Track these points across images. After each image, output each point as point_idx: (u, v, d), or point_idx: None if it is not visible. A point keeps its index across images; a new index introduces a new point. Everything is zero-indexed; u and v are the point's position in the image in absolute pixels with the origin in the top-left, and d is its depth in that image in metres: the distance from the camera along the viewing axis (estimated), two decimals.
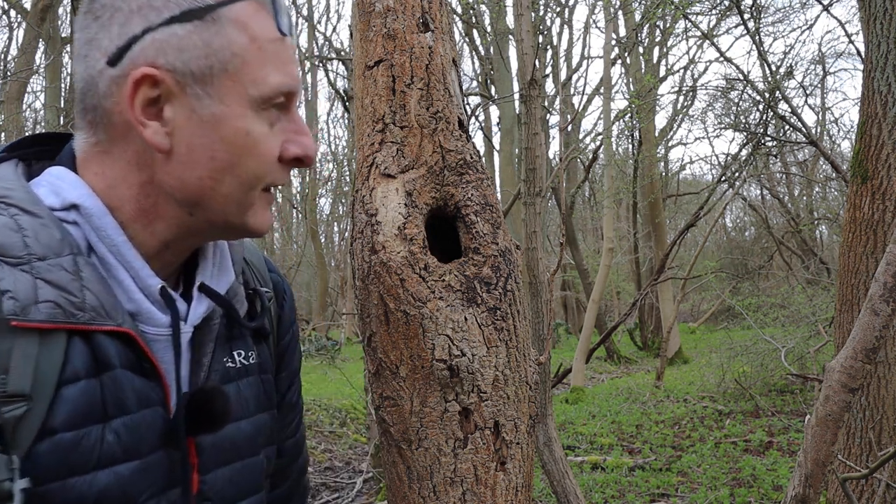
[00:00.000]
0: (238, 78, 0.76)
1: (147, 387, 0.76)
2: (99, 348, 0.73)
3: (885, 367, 3.50)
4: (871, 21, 3.59)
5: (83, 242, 0.76)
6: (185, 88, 0.75)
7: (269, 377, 0.96)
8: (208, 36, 0.75)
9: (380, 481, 5.56)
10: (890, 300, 1.53)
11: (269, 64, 0.78)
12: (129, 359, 0.75)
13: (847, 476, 1.84)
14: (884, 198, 3.55)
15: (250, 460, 0.89)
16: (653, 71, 14.22)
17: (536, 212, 3.40)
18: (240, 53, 0.76)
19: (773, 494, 4.97)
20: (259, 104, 0.77)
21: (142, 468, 0.75)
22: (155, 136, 0.75)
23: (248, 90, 0.76)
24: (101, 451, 0.71)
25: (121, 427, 0.73)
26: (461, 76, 1.21)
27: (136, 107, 0.74)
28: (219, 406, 0.80)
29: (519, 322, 1.08)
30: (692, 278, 12.50)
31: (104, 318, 0.73)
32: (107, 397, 0.72)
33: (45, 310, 0.69)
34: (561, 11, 16.25)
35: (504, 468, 1.04)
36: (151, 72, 0.73)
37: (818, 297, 9.30)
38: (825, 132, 18.90)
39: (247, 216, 0.81)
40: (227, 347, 0.89)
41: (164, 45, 0.74)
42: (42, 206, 0.75)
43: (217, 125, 0.76)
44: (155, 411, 0.77)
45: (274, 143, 0.80)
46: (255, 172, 0.78)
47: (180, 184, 0.77)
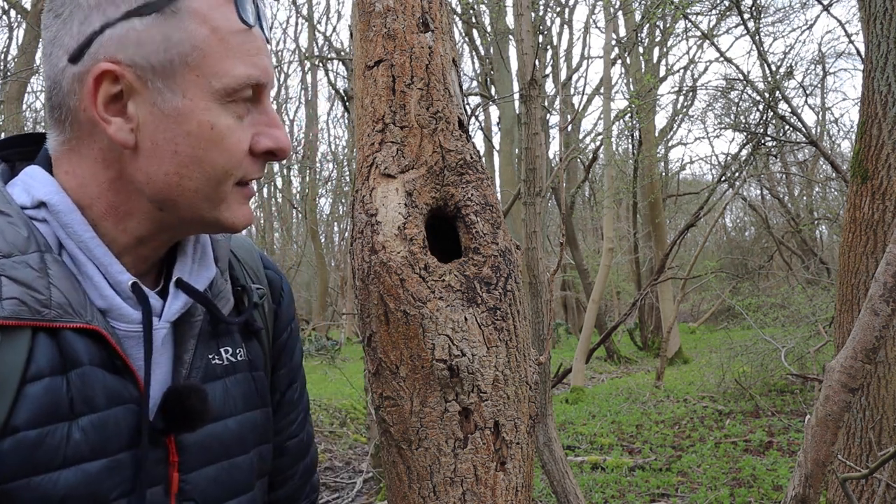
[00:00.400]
0: (200, 71, 0.75)
1: (119, 384, 0.75)
2: (66, 345, 0.72)
3: (885, 367, 3.50)
4: (871, 21, 3.59)
5: (53, 240, 0.76)
6: (146, 83, 0.74)
7: (261, 374, 0.95)
8: (167, 29, 0.74)
9: (380, 481, 5.56)
10: (890, 300, 1.53)
11: (232, 56, 0.76)
12: (101, 356, 0.74)
13: (847, 476, 1.84)
14: (884, 198, 3.55)
15: (239, 459, 0.88)
16: (653, 71, 14.22)
17: (536, 212, 3.40)
18: (200, 46, 0.75)
19: (773, 494, 4.97)
20: (223, 97, 0.76)
21: (110, 466, 0.74)
22: (119, 132, 0.74)
23: (211, 83, 0.75)
24: (66, 449, 0.70)
25: (88, 425, 0.72)
26: (461, 76, 1.21)
27: (99, 103, 0.74)
28: (195, 403, 0.79)
29: (519, 322, 1.08)
30: (692, 278, 12.50)
31: (71, 316, 0.72)
32: (74, 395, 0.71)
33: (9, 307, 0.68)
34: (561, 11, 16.25)
35: (504, 468, 1.04)
36: (111, 67, 0.72)
37: (818, 297, 9.30)
38: (825, 132, 18.90)
39: (219, 211, 0.80)
40: (214, 344, 0.87)
41: (124, 39, 0.73)
42: (12, 205, 0.74)
43: (180, 119, 0.75)
44: (127, 409, 0.76)
45: (242, 136, 0.78)
46: (222, 166, 0.77)
47: (147, 179, 0.76)
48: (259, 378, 0.94)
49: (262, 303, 0.98)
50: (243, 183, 0.81)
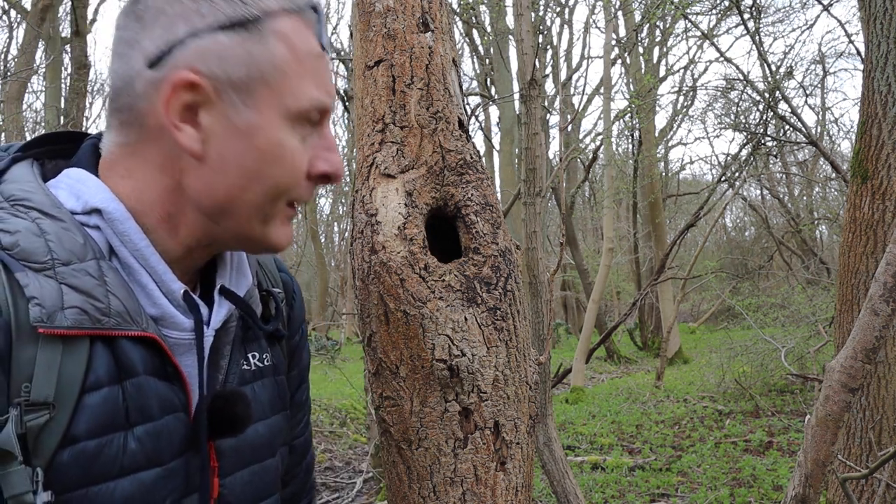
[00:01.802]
0: (276, 89, 0.76)
1: (170, 391, 0.76)
2: (122, 354, 0.72)
3: (885, 367, 3.50)
4: (871, 21, 3.59)
5: (105, 246, 0.76)
6: (222, 96, 0.75)
7: (282, 378, 0.96)
8: (251, 46, 0.75)
9: (380, 481, 5.56)
10: (890, 300, 1.53)
11: (307, 78, 0.78)
12: (154, 364, 0.75)
13: (847, 476, 1.84)
14: (884, 198, 3.55)
15: (267, 462, 0.89)
16: (653, 71, 14.22)
17: (536, 212, 3.40)
18: (280, 66, 0.76)
19: (773, 494, 4.97)
20: (294, 117, 0.78)
21: (164, 475, 0.74)
22: (189, 140, 0.75)
23: (285, 102, 0.77)
24: (123, 458, 0.71)
25: (143, 434, 0.73)
26: (461, 76, 1.21)
27: (172, 110, 0.74)
28: (240, 409, 0.80)
29: (519, 322, 1.08)
30: (692, 278, 12.49)
31: (129, 324, 0.72)
32: (129, 404, 0.72)
33: (72, 316, 0.68)
34: (561, 11, 16.26)
35: (504, 468, 1.04)
36: (191, 77, 0.73)
37: (818, 297, 9.30)
38: (825, 132, 18.90)
39: (268, 228, 0.81)
40: (242, 350, 0.88)
41: (207, 51, 0.74)
42: (63, 210, 0.74)
43: (251, 134, 0.76)
44: (177, 417, 0.76)
45: (303, 157, 0.80)
46: (282, 183, 0.78)
47: (208, 189, 0.77)
48: (281, 382, 0.96)
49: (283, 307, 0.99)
50: (292, 203, 0.82)
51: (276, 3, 0.76)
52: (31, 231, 0.70)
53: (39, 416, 0.66)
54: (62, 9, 11.58)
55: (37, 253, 0.69)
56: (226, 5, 0.74)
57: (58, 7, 10.88)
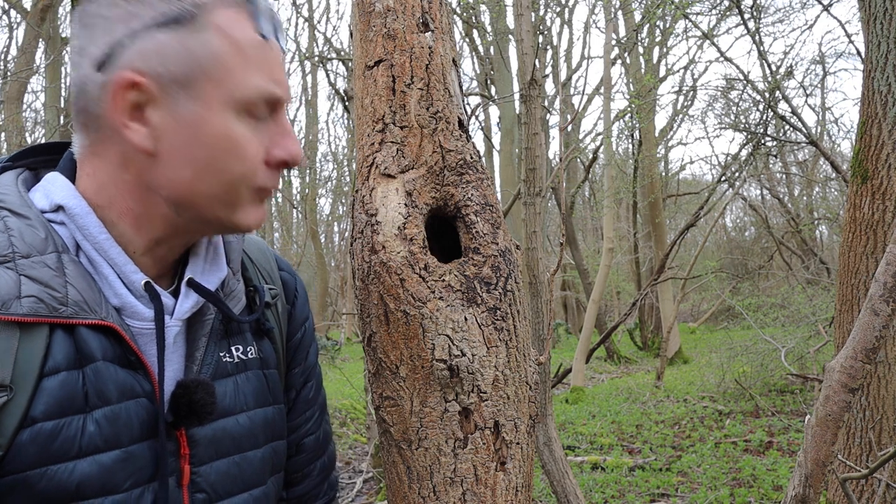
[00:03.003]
0: (219, 81, 0.78)
1: (132, 379, 0.79)
2: (81, 342, 0.75)
3: (885, 367, 3.50)
4: (871, 21, 3.59)
5: (70, 241, 0.79)
6: (167, 92, 0.77)
7: (273, 372, 0.97)
8: (190, 41, 0.77)
9: (380, 481, 5.56)
10: (890, 300, 1.53)
11: (251, 68, 0.80)
12: (114, 352, 0.78)
13: (847, 476, 1.84)
14: (884, 198, 3.55)
15: (250, 454, 0.90)
16: (653, 71, 14.22)
17: (536, 212, 3.40)
18: (220, 57, 0.78)
19: (773, 494, 4.97)
20: (241, 107, 0.79)
21: (123, 458, 0.77)
22: (139, 138, 0.78)
23: (229, 92, 0.78)
24: (81, 440, 0.74)
25: (102, 417, 0.75)
26: (461, 76, 1.21)
27: (120, 110, 0.77)
28: (202, 397, 0.82)
29: (519, 322, 1.08)
30: (692, 278, 12.50)
31: (87, 312, 0.76)
32: (89, 388, 0.75)
33: (28, 304, 0.72)
34: (561, 11, 16.25)
35: (504, 468, 1.04)
36: (134, 77, 0.76)
37: (818, 297, 9.30)
38: (825, 132, 18.90)
39: (236, 214, 0.83)
40: (225, 343, 0.90)
41: (147, 51, 0.76)
42: (31, 209, 0.78)
43: (198, 127, 0.78)
44: (139, 403, 0.79)
45: (257, 145, 0.81)
46: (238, 172, 0.80)
47: (167, 183, 0.80)
48: (271, 376, 0.97)
49: (275, 303, 1.00)
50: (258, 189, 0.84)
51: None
52: None
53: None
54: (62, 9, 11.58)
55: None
56: (160, 4, 0.77)
57: (58, 7, 10.88)
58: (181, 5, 0.77)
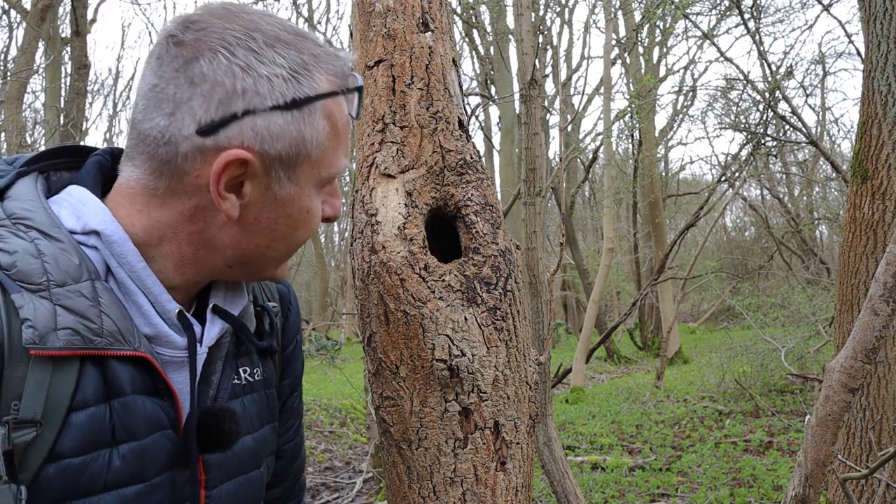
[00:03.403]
0: (316, 164, 0.81)
1: (158, 408, 0.78)
2: (111, 374, 0.74)
3: (885, 367, 3.50)
4: (871, 21, 3.59)
5: (101, 266, 0.77)
6: (269, 171, 0.78)
7: (272, 392, 0.98)
8: (303, 126, 0.78)
9: (380, 481, 5.55)
10: (890, 300, 1.53)
11: (340, 149, 0.83)
12: (144, 382, 0.76)
13: (847, 476, 1.84)
14: (884, 198, 3.55)
15: (253, 474, 0.91)
16: (653, 71, 14.21)
17: (536, 212, 3.40)
18: (322, 142, 0.80)
19: (773, 494, 4.96)
20: (324, 184, 0.83)
21: (147, 490, 0.76)
22: (228, 207, 0.78)
23: (320, 173, 0.82)
24: (107, 475, 0.73)
25: (128, 452, 0.74)
26: (461, 76, 1.21)
27: (222, 182, 0.76)
28: (228, 426, 0.82)
29: (519, 322, 1.08)
30: (692, 278, 12.49)
31: (121, 343, 0.74)
32: (116, 423, 0.74)
33: (64, 337, 0.69)
34: (561, 11, 16.25)
35: (504, 468, 1.04)
36: (245, 156, 0.75)
37: (818, 297, 9.30)
38: (825, 132, 18.90)
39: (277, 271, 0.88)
40: (234, 364, 0.90)
41: (262, 130, 0.76)
42: (62, 231, 0.75)
43: (288, 204, 0.80)
44: (164, 434, 0.78)
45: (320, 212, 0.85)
46: (303, 240, 0.85)
47: (236, 245, 0.81)
48: (271, 396, 0.97)
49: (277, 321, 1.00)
50: None
51: (327, 84, 0.79)
52: (28, 252, 0.71)
53: (26, 433, 0.67)
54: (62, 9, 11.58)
55: (33, 274, 0.70)
56: (284, 85, 0.76)
57: (58, 7, 10.89)
58: (302, 90, 0.77)
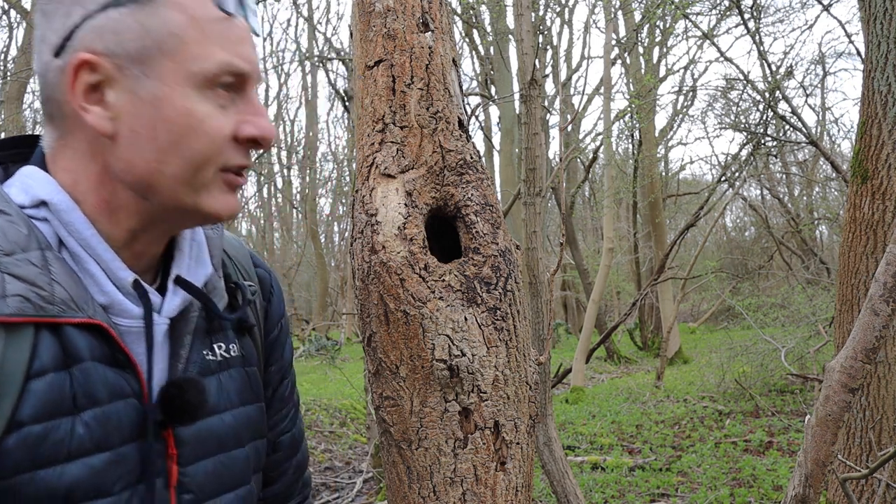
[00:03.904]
0: (177, 57, 0.76)
1: (120, 378, 0.77)
2: (68, 341, 0.73)
3: (885, 367, 3.50)
4: (871, 21, 3.59)
5: (53, 238, 0.77)
6: (123, 71, 0.75)
7: (254, 370, 0.96)
8: (143, 17, 0.75)
9: (380, 481, 5.55)
10: (890, 300, 1.53)
11: (211, 42, 0.77)
12: (102, 351, 0.76)
13: (847, 476, 1.84)
14: (884, 198, 3.55)
15: (235, 453, 0.89)
16: (653, 71, 14.21)
17: (536, 212, 3.40)
18: (177, 33, 0.76)
19: (773, 494, 4.96)
20: (202, 83, 0.77)
21: (113, 459, 0.75)
22: (98, 120, 0.76)
23: (188, 68, 0.76)
24: (71, 443, 0.72)
25: (91, 419, 0.73)
26: (461, 76, 1.21)
27: (78, 93, 0.75)
28: (193, 397, 0.80)
29: (519, 322, 1.08)
30: (692, 278, 12.50)
31: (74, 311, 0.73)
32: (77, 390, 0.73)
33: (14, 304, 0.69)
34: (561, 11, 16.25)
35: (504, 468, 1.04)
36: (88, 57, 0.74)
37: (818, 297, 9.30)
38: (825, 132, 18.91)
39: (200, 199, 0.79)
40: (208, 340, 0.89)
41: (101, 30, 0.75)
42: (11, 205, 0.76)
43: (158, 105, 0.76)
44: (128, 403, 0.77)
45: (223, 122, 0.78)
46: (201, 152, 0.77)
47: (129, 167, 0.77)
48: (252, 374, 0.96)
49: (254, 300, 0.99)
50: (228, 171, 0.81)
51: None
52: None
53: None
54: None
55: None
56: None
57: None
58: None
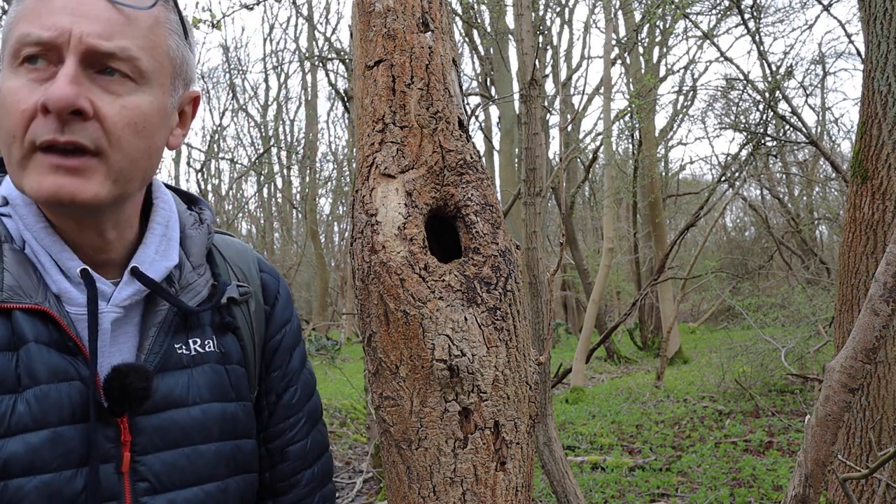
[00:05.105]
0: (6, 43, 0.80)
1: (66, 362, 0.80)
2: (17, 325, 0.78)
3: (885, 367, 3.50)
4: (871, 21, 3.59)
5: (17, 233, 0.83)
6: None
7: (236, 368, 0.96)
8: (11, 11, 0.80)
9: (380, 481, 5.56)
10: (890, 300, 1.53)
11: (23, 19, 0.79)
12: (51, 336, 0.80)
13: (847, 476, 1.84)
14: (884, 198, 3.55)
15: (203, 447, 0.89)
16: (653, 71, 14.21)
17: (536, 212, 3.40)
18: (11, 20, 0.80)
19: (773, 494, 4.97)
20: (10, 60, 0.79)
21: (51, 438, 0.77)
22: None
23: (5, 50, 0.80)
24: (11, 419, 0.75)
25: (31, 397, 0.77)
26: (461, 76, 1.21)
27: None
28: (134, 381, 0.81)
29: (519, 322, 1.08)
30: (692, 278, 12.50)
31: (21, 297, 0.78)
32: (21, 370, 0.77)
33: None
34: (561, 11, 16.25)
35: (504, 468, 1.04)
36: None
37: (818, 297, 9.30)
38: (825, 132, 18.90)
39: (22, 179, 0.79)
40: (183, 335, 0.91)
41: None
42: None
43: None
44: (72, 385, 0.80)
45: (25, 96, 0.77)
46: (7, 128, 0.78)
47: None
48: (234, 371, 0.96)
49: (246, 301, 1.00)
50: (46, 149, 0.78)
51: None
52: None
53: None
54: None
55: None
56: None
57: None
58: None
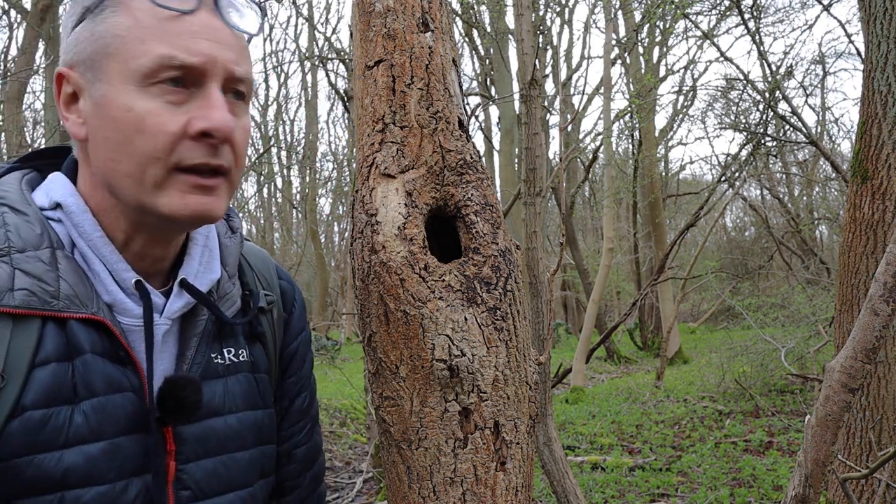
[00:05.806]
0: (119, 57, 0.79)
1: (120, 373, 0.80)
2: (72, 334, 0.78)
3: (885, 367, 3.50)
4: (871, 21, 3.59)
5: (66, 239, 0.82)
6: (85, 77, 0.80)
7: (264, 377, 0.98)
8: (94, 25, 0.80)
9: (380, 481, 5.55)
10: (890, 300, 1.53)
11: (153, 39, 0.78)
12: (104, 346, 0.80)
13: (847, 476, 1.84)
14: (884, 198, 3.55)
15: (238, 455, 0.91)
16: (653, 71, 14.21)
17: (536, 212, 3.40)
18: (120, 34, 0.79)
19: (773, 494, 4.96)
20: (141, 79, 0.78)
21: (109, 449, 0.78)
22: (73, 126, 0.82)
23: (128, 66, 0.78)
24: (69, 430, 0.76)
25: (89, 408, 0.77)
26: (461, 76, 1.21)
27: (61, 103, 0.82)
28: (189, 395, 0.83)
29: (519, 322, 1.08)
30: (692, 278, 12.50)
31: (78, 307, 0.78)
32: (77, 380, 0.77)
33: (20, 297, 0.74)
34: (561, 11, 16.25)
35: (504, 468, 1.04)
36: (62, 70, 0.82)
37: (818, 297, 9.30)
38: (825, 132, 18.89)
39: (156, 198, 0.79)
40: (217, 345, 0.91)
41: (70, 44, 0.82)
42: (31, 207, 0.81)
43: (105, 105, 0.79)
44: (125, 396, 0.80)
45: (167, 119, 0.78)
46: (144, 149, 0.77)
47: (98, 167, 0.82)
48: (262, 380, 0.97)
49: (271, 309, 1.01)
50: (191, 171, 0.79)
51: None
52: None
53: None
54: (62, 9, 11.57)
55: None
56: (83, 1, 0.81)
57: (58, 7, 10.88)
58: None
